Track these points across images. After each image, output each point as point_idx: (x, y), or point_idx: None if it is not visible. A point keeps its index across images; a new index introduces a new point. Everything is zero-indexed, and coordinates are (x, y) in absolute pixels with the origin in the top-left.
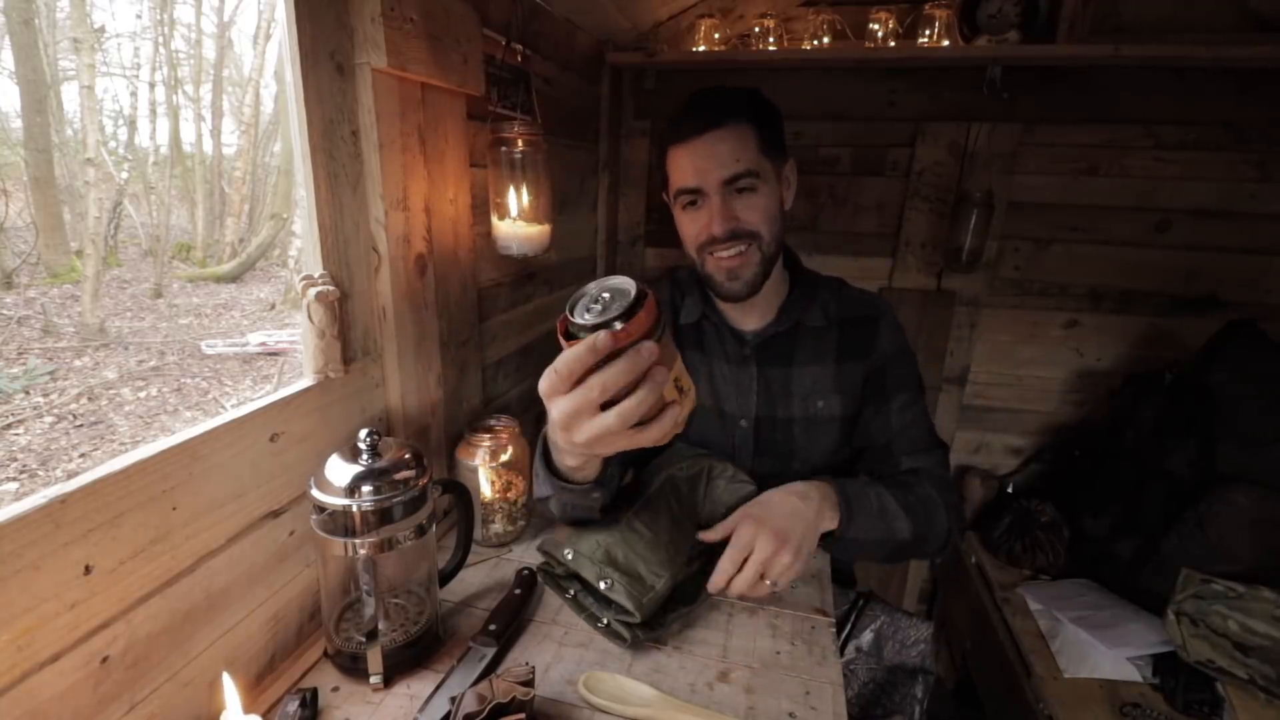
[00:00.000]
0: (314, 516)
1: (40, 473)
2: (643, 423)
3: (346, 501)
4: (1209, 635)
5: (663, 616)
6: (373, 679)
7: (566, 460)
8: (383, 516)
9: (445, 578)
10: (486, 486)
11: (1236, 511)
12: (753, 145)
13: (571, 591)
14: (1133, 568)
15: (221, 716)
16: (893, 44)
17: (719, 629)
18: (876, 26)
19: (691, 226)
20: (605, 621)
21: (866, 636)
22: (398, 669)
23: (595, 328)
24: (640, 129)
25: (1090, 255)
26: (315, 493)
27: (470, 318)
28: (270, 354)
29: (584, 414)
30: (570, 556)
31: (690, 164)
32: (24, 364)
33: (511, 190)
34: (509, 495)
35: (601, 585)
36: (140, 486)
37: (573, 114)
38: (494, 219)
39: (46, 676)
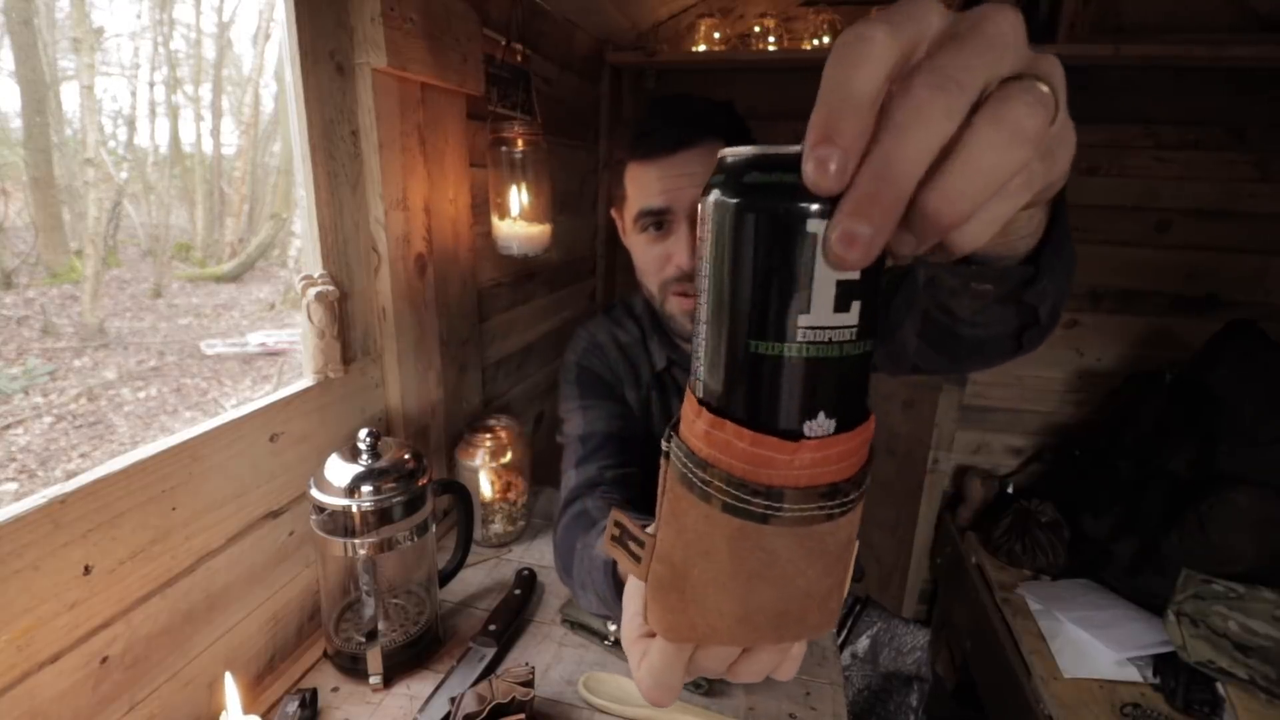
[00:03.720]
0: (314, 516)
1: (40, 473)
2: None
3: (346, 501)
4: (1209, 636)
5: None
6: (372, 679)
7: None
8: (382, 517)
9: (445, 578)
10: (486, 487)
11: (1236, 511)
12: None
13: (612, 638)
14: (1133, 568)
15: (221, 716)
16: None
17: None
18: None
19: (653, 256)
20: None
21: (863, 643)
22: (397, 669)
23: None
24: None
25: (1090, 255)
26: (315, 493)
27: (470, 318)
28: (270, 354)
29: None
30: (616, 629)
31: (659, 183)
32: (23, 364)
33: (511, 190)
34: (509, 495)
35: None
36: (140, 487)
37: (573, 114)
38: (494, 219)
39: (46, 677)
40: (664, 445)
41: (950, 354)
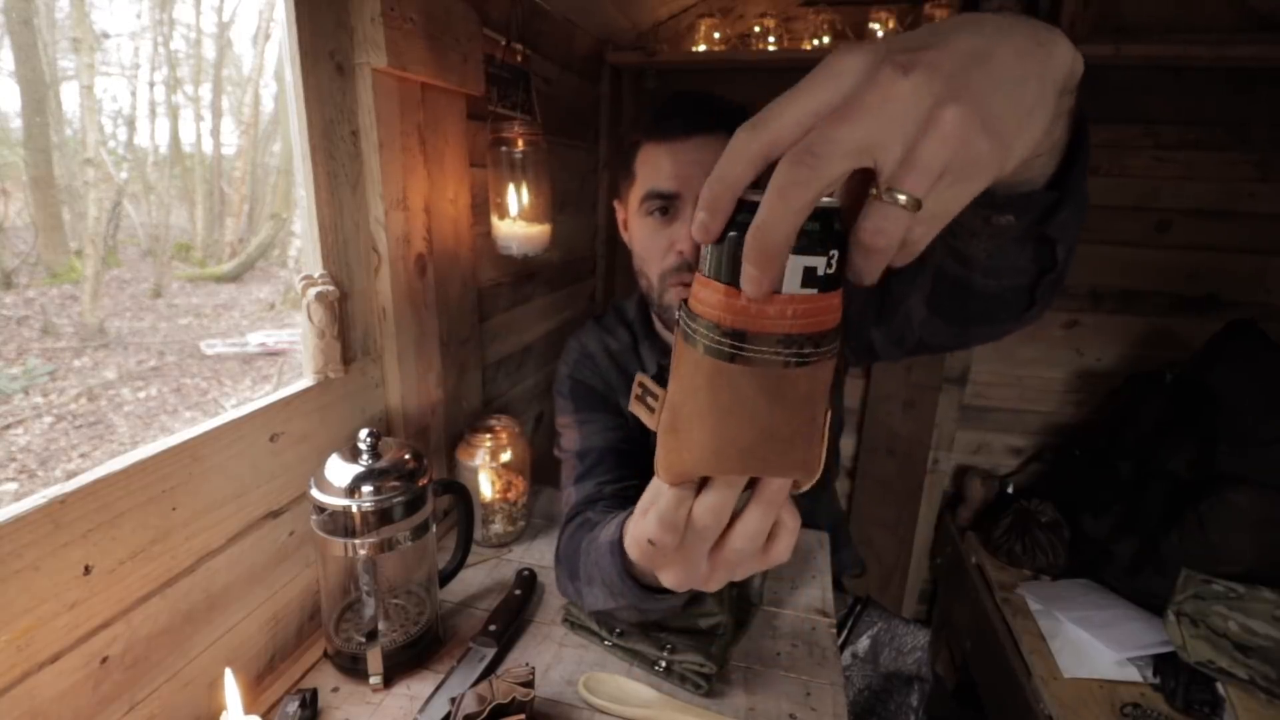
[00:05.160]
0: (314, 517)
1: (40, 473)
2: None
3: (346, 502)
4: (1209, 636)
5: (726, 652)
6: (373, 679)
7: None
8: (382, 517)
9: (445, 578)
10: (486, 487)
11: (1236, 511)
12: None
13: (611, 641)
14: (1133, 568)
15: (222, 716)
16: None
17: None
18: (876, 26)
19: (656, 241)
20: (664, 665)
21: (863, 643)
22: (398, 669)
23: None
24: None
25: (1090, 255)
26: (315, 493)
27: (470, 318)
28: (270, 354)
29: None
30: (620, 633)
31: (671, 165)
32: (23, 364)
33: (511, 190)
34: (509, 495)
35: (666, 650)
36: (140, 487)
37: (573, 114)
38: (494, 219)
39: (46, 677)
40: (677, 314)
41: (960, 320)
